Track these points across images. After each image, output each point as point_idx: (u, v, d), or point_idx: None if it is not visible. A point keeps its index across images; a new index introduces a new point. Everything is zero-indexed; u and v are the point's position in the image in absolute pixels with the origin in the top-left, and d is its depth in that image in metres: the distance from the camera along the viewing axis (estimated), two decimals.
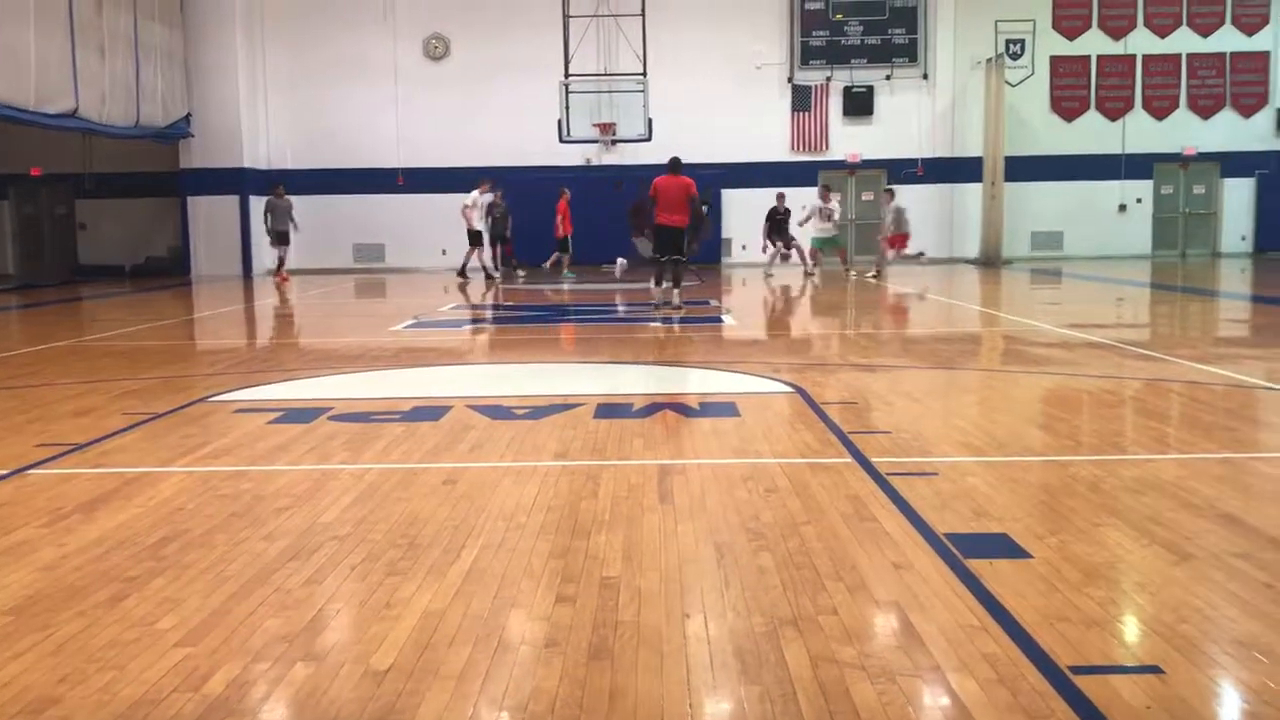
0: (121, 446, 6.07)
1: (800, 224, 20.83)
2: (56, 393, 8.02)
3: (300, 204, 24.73)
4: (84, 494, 4.96)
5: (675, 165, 13.77)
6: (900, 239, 20.28)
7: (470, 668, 3.00)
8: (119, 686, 2.89)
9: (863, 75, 25.14)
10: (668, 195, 13.49)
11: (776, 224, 21.28)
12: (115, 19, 20.54)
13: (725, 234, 25.17)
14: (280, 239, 20.67)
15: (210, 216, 23.78)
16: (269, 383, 8.43)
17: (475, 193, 20.88)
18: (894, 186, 21.45)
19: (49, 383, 8.54)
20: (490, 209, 21.00)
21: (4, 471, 5.40)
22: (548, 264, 21.66)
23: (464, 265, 21.36)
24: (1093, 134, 25.29)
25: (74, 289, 21.22)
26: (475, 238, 20.86)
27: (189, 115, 23.61)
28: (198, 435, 6.39)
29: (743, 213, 24.78)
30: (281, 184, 21.57)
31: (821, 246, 21.08)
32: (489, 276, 21.07)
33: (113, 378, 8.72)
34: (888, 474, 5.07)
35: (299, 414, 6.96)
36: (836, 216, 21.23)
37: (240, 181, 23.94)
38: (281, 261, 21.05)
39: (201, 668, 3.01)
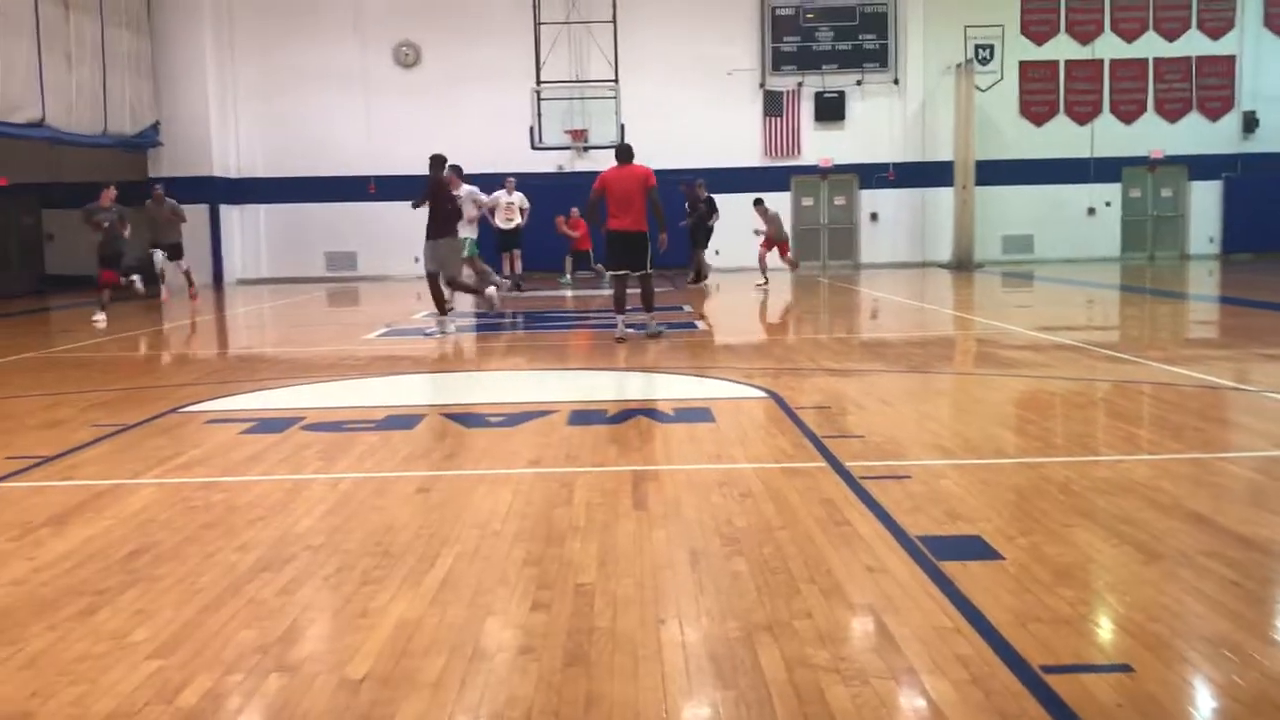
0: (91, 459, 6.02)
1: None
2: (24, 405, 7.94)
3: (271, 212, 24.71)
4: (54, 507, 4.91)
5: (625, 153, 11.29)
6: (782, 245, 20.03)
7: (446, 676, 2.99)
8: (91, 700, 2.87)
9: (834, 80, 25.27)
10: (619, 191, 10.97)
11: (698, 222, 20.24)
12: (82, 26, 20.37)
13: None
14: (174, 252, 17.75)
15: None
16: (241, 393, 8.39)
17: (501, 191, 18.69)
18: (763, 196, 20.82)
19: (17, 395, 8.46)
20: (508, 212, 18.88)
21: None
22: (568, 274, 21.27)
23: (515, 277, 19.09)
24: (1062, 138, 25.50)
25: (42, 299, 21.02)
26: (506, 241, 19.00)
27: (157, 123, 23.43)
28: (169, 446, 6.34)
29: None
30: (159, 185, 18.60)
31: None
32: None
33: (82, 389, 8.65)
34: (861, 478, 5.09)
35: (271, 424, 6.92)
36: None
37: (210, 190, 23.78)
38: (189, 278, 18.25)
39: (175, 680, 2.99)
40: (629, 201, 10.92)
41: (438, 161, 12.47)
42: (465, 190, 14.81)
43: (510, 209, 18.83)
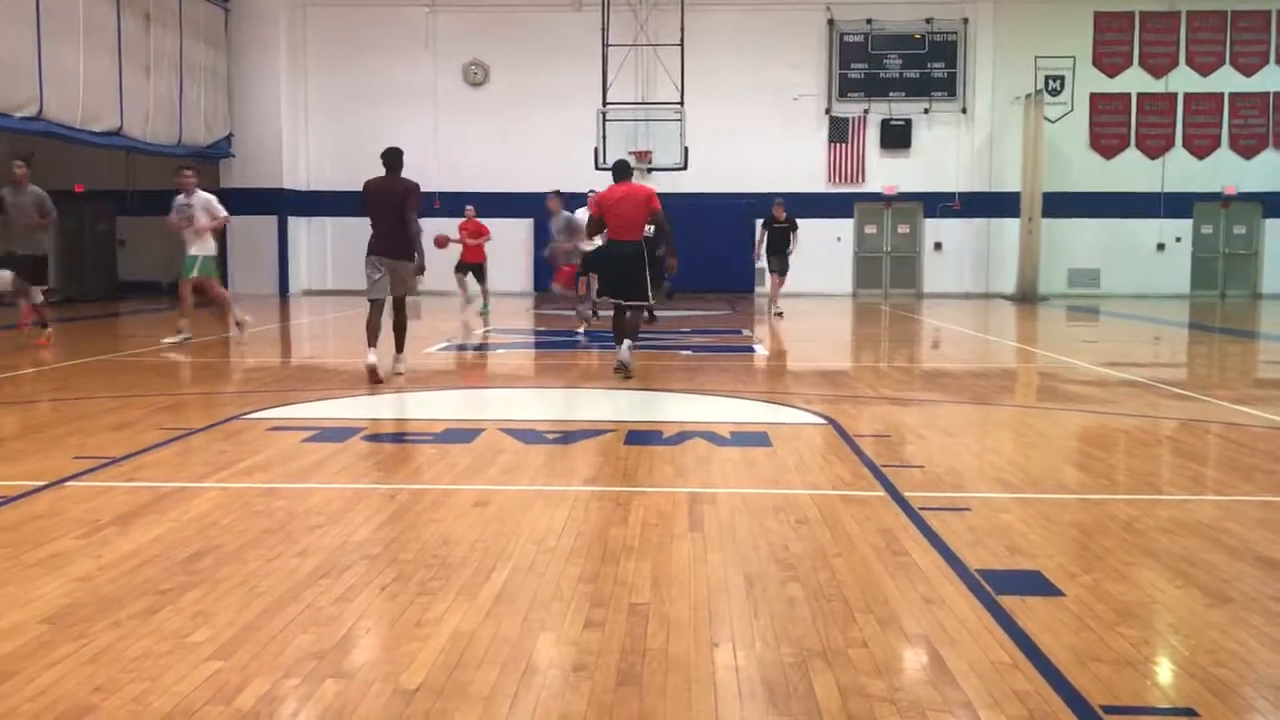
0: (157, 461, 6.14)
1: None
2: (95, 406, 8.12)
3: (338, 225, 25.04)
4: (120, 507, 5.01)
5: (623, 170, 10.19)
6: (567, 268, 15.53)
7: (499, 689, 3.00)
8: (152, 697, 2.92)
9: (901, 108, 25.16)
10: (620, 215, 9.88)
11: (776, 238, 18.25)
12: (161, 39, 20.90)
13: (760, 263, 25.17)
14: (32, 270, 12.30)
15: (248, 235, 24.02)
16: (302, 401, 8.50)
17: (583, 210, 15.84)
18: (559, 190, 16.61)
19: (87, 396, 8.65)
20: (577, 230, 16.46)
21: (42, 483, 5.47)
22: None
23: (591, 302, 16.32)
24: (1132, 171, 25.15)
25: (114, 304, 21.50)
26: (587, 262, 15.71)
27: (230, 135, 23.94)
28: (232, 452, 6.44)
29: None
30: (21, 162, 12.59)
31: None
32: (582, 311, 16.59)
33: (150, 393, 8.82)
34: (920, 508, 5.04)
35: (332, 433, 7.01)
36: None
37: (279, 202, 24.22)
38: (30, 299, 12.42)
39: (233, 681, 3.03)
40: (630, 221, 9.89)
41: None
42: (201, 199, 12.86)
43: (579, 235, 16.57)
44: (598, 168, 22.25)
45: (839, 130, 25.19)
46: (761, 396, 8.91)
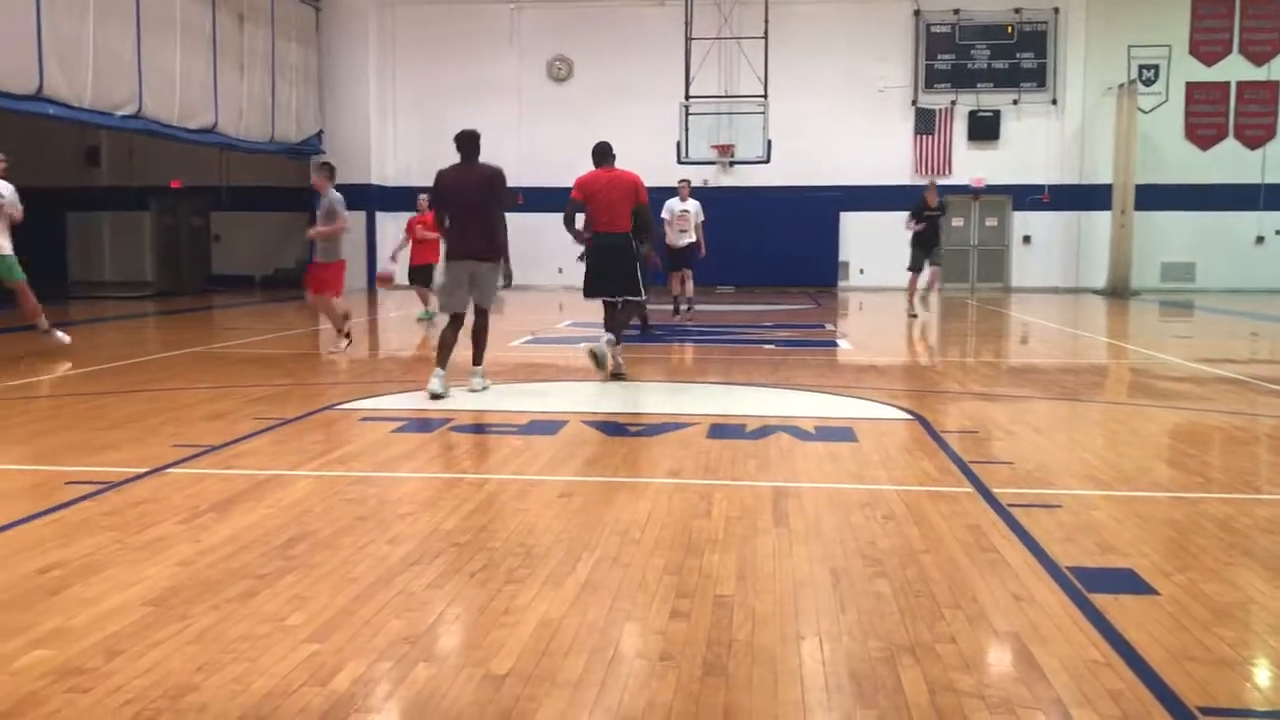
0: (253, 449, 6.31)
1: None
2: (191, 396, 8.36)
3: None
4: (218, 494, 5.16)
5: (604, 153, 9.33)
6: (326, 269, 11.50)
7: (586, 677, 3.04)
8: (251, 678, 3.01)
9: (989, 99, 24.74)
10: (604, 200, 9.17)
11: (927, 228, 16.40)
12: (255, 38, 21.39)
13: (843, 257, 25.01)
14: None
15: None
16: (392, 393, 8.65)
17: (674, 199, 15.93)
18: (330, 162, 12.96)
19: (184, 386, 8.90)
20: (681, 222, 15.78)
21: (144, 470, 5.65)
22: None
23: (688, 301, 16.23)
24: (1230, 163, 24.41)
25: (207, 298, 22.08)
26: (678, 258, 15.81)
27: (321, 132, 24.41)
28: (325, 441, 6.59)
29: (862, 236, 24.65)
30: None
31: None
32: (676, 310, 16.23)
33: (244, 383, 9.06)
34: (1009, 505, 4.97)
35: (421, 424, 7.13)
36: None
37: (367, 197, 24.63)
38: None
39: (329, 664, 3.11)
40: (615, 210, 9.14)
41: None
42: None
43: (684, 219, 15.70)
44: (680, 162, 22.27)
45: (925, 122, 24.85)
46: (846, 391, 8.85)
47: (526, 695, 2.91)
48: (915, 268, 16.60)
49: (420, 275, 15.46)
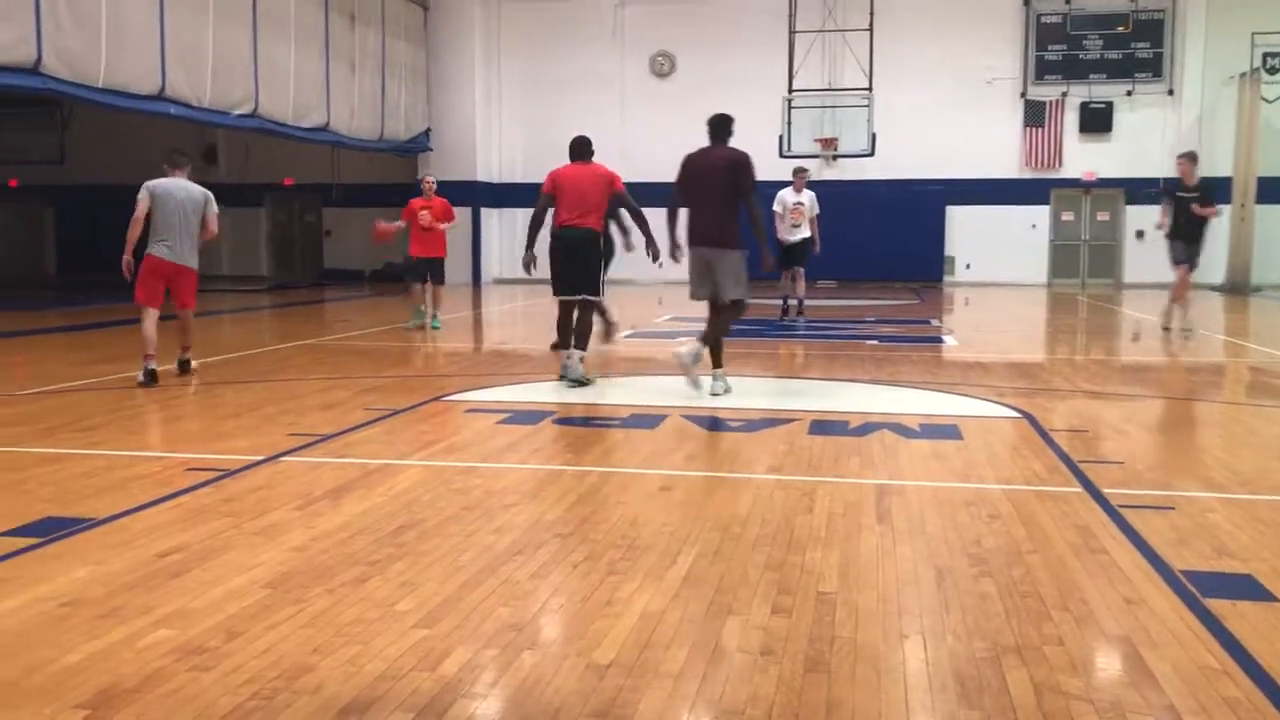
0: (364, 439, 6.48)
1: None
2: (305, 387, 8.61)
3: (527, 216, 25.57)
4: (331, 481, 5.31)
5: (581, 147, 8.90)
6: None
7: (688, 669, 3.06)
8: (364, 660, 3.10)
9: (1101, 90, 24.05)
10: (573, 191, 8.66)
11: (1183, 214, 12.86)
12: (366, 38, 21.87)
13: (949, 251, 24.58)
14: None
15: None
16: (496, 385, 8.79)
17: (786, 190, 14.54)
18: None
19: (298, 378, 9.17)
20: (795, 215, 14.39)
21: (260, 457, 5.85)
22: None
23: (799, 301, 14.90)
24: None
25: (319, 291, 22.67)
26: (791, 254, 14.38)
27: (429, 129, 24.85)
28: (432, 432, 6.74)
29: (968, 230, 24.22)
30: None
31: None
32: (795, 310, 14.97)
33: (354, 375, 9.29)
34: (1120, 506, 4.85)
35: (525, 416, 7.24)
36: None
37: (473, 193, 25.00)
38: None
39: (437, 649, 3.19)
40: (584, 204, 8.64)
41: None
42: None
43: (798, 212, 14.34)
44: (782, 155, 22.16)
45: (1035, 114, 24.28)
46: (951, 388, 8.72)
47: (629, 686, 2.95)
48: (1186, 260, 12.72)
49: (422, 269, 13.58)
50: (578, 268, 8.64)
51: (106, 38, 14.32)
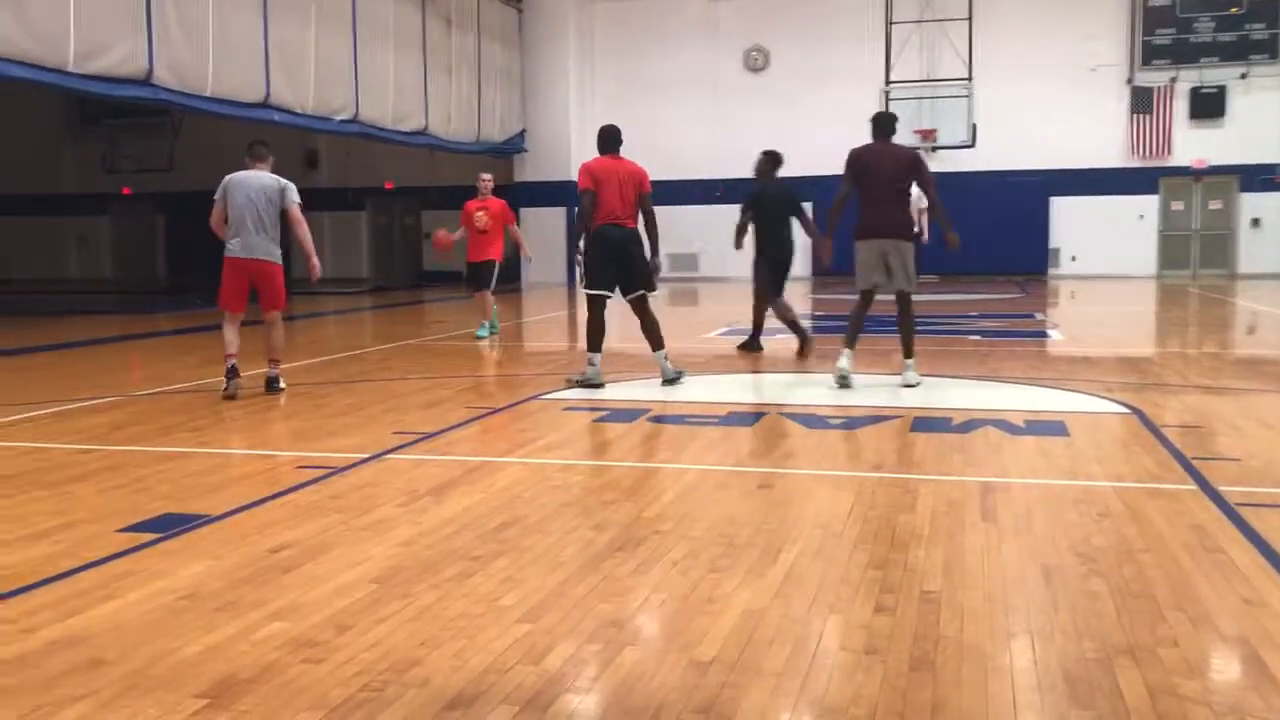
0: (465, 437, 6.58)
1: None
2: (407, 386, 8.77)
3: None
4: (434, 478, 5.41)
5: (610, 139, 8.61)
6: None
7: (790, 667, 3.05)
8: (469, 654, 3.15)
9: (1213, 75, 23.24)
10: (618, 192, 8.37)
11: None
12: (463, 42, 22.19)
13: (1053, 243, 24.02)
14: None
15: (539, 227, 25.11)
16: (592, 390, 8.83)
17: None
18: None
19: (400, 377, 9.35)
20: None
21: (366, 455, 5.97)
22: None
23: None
24: None
25: (419, 292, 23.06)
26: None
27: (523, 130, 25.11)
28: (531, 430, 6.81)
29: (1073, 221, 23.63)
30: None
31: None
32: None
33: (454, 374, 9.44)
34: (1237, 504, 4.69)
35: (622, 414, 7.27)
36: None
37: (566, 194, 25.17)
38: None
39: (540, 644, 3.23)
40: (627, 202, 8.40)
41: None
42: None
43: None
44: None
45: (1142, 101, 23.57)
46: (1057, 383, 8.52)
47: (731, 683, 2.95)
48: None
49: (478, 275, 12.63)
50: (632, 266, 8.49)
51: (214, 48, 14.77)
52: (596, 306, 8.57)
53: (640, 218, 8.52)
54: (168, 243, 28.86)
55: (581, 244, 8.50)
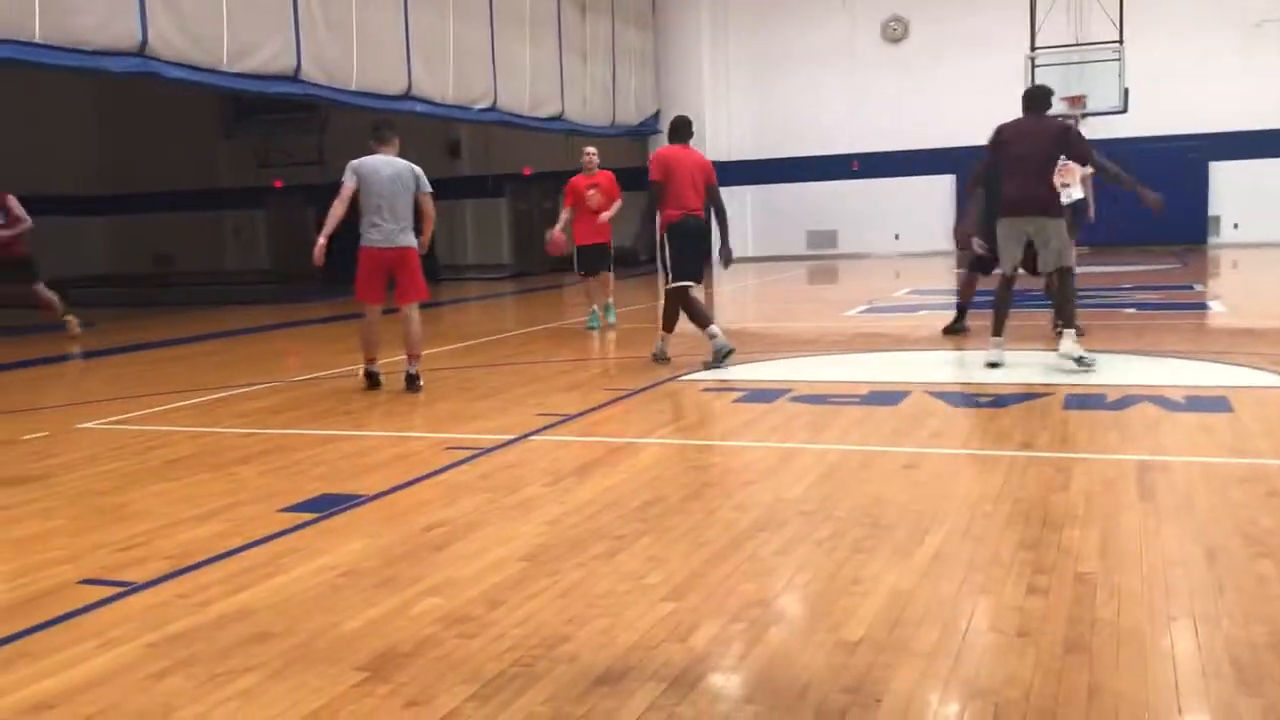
0: (606, 418, 6.66)
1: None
2: (549, 369, 8.91)
3: (756, 192, 25.55)
4: (577, 459, 5.49)
5: (681, 128, 8.74)
6: None
7: (940, 648, 3.00)
8: (616, 631, 3.20)
9: None
10: (687, 178, 8.39)
11: None
12: (597, 26, 22.33)
13: (1213, 211, 22.90)
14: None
15: None
16: (731, 364, 8.81)
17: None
18: None
19: (543, 360, 9.50)
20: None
21: (511, 436, 6.10)
22: None
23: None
24: None
25: (557, 277, 23.34)
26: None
27: (658, 112, 25.14)
28: (671, 411, 6.85)
29: (1236, 187, 22.46)
30: None
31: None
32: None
33: (594, 356, 9.55)
34: None
35: (761, 394, 7.25)
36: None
37: None
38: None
39: (686, 622, 3.25)
40: (699, 192, 8.43)
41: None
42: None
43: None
44: None
45: None
46: (1219, 357, 8.15)
47: (880, 663, 2.92)
48: None
49: (589, 260, 12.05)
50: (703, 258, 8.82)
51: (358, 42, 15.21)
52: (682, 295, 8.56)
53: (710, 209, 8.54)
54: (318, 234, 29.85)
55: (661, 238, 8.49)
